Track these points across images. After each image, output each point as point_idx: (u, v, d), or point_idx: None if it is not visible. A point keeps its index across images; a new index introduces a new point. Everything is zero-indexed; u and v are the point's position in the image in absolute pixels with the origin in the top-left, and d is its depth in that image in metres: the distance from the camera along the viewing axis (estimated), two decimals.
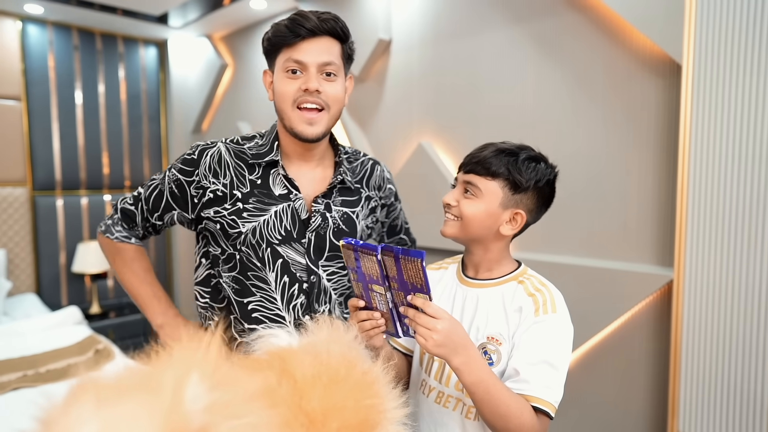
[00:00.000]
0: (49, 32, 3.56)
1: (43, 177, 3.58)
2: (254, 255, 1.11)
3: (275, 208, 1.11)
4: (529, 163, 1.00)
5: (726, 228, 1.66)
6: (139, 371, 0.56)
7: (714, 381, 1.72)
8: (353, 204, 1.20)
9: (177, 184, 1.15)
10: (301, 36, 1.04)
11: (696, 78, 1.69)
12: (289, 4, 3.28)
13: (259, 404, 0.57)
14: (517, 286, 1.00)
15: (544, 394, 0.90)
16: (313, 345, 0.81)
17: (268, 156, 1.12)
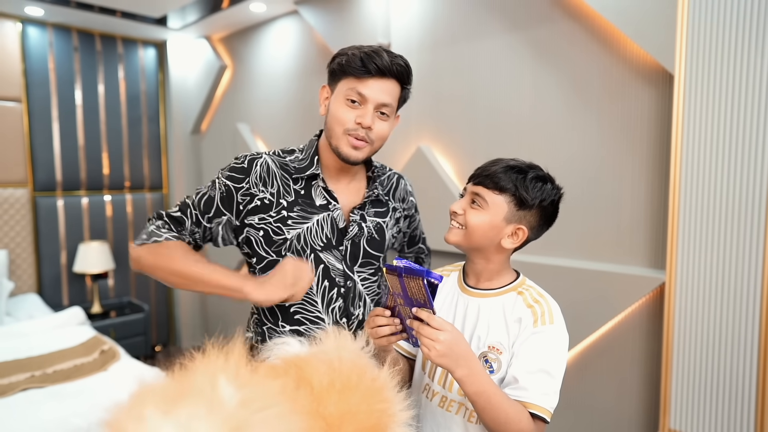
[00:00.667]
0: (49, 34, 3.58)
1: (44, 178, 3.60)
2: None
3: (317, 217, 1.19)
4: (536, 182, 1.04)
5: (716, 232, 1.72)
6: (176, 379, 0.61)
7: (704, 380, 1.78)
8: (383, 215, 1.29)
9: (226, 189, 1.19)
10: (370, 73, 1.11)
11: (688, 88, 1.74)
12: (288, 7, 3.31)
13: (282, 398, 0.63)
14: (517, 297, 1.05)
15: (541, 401, 0.96)
16: (325, 353, 0.86)
17: (309, 170, 1.20)
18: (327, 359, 0.83)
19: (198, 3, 3.39)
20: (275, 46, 3.51)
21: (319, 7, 3.07)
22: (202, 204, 1.20)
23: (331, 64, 1.17)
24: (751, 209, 1.65)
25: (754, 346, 1.68)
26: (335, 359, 0.84)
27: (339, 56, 1.16)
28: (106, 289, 3.92)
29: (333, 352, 0.86)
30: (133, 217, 4.05)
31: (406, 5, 2.71)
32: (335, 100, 1.16)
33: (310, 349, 0.89)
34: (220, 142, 4.07)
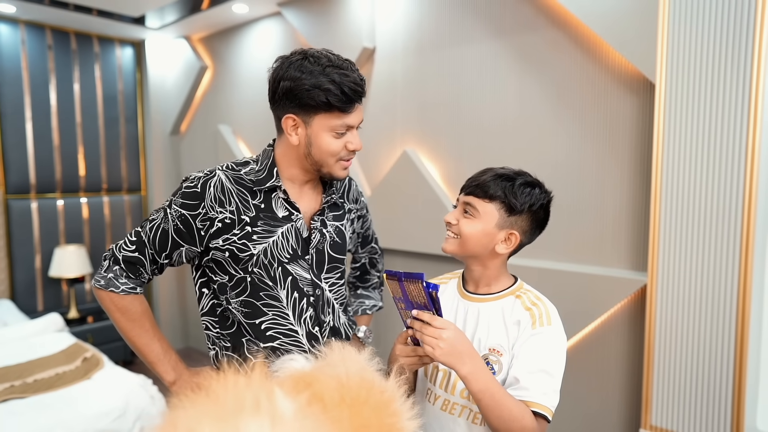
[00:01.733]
0: (22, 31, 3.48)
1: (17, 180, 3.50)
2: (266, 275, 1.16)
3: (281, 230, 1.16)
4: (525, 188, 1.08)
5: (695, 235, 1.78)
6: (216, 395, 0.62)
7: (684, 378, 1.84)
8: (341, 217, 1.28)
9: (182, 220, 1.15)
10: (352, 103, 1.09)
11: (668, 96, 1.80)
12: (270, 9, 3.29)
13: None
14: (515, 300, 1.08)
15: (542, 400, 0.99)
16: (331, 368, 0.86)
17: (268, 182, 1.16)
18: (335, 374, 0.84)
19: (177, 3, 3.34)
20: (257, 47, 3.48)
21: (303, 10, 3.06)
22: (157, 241, 1.17)
23: (298, 95, 1.08)
24: (728, 214, 1.71)
25: (731, 345, 1.75)
26: (343, 374, 0.84)
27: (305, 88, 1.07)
28: (82, 294, 3.84)
29: (340, 366, 0.87)
30: (111, 220, 3.97)
31: (391, 9, 2.72)
32: (318, 134, 1.12)
33: (316, 364, 0.90)
34: (200, 144, 4.02)
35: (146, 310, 1.22)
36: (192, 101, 4.01)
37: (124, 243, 1.19)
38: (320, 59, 1.08)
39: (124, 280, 1.18)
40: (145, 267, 1.19)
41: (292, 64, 1.09)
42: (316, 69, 1.07)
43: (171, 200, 1.16)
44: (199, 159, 4.03)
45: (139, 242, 1.18)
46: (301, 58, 1.09)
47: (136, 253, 1.18)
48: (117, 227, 4.01)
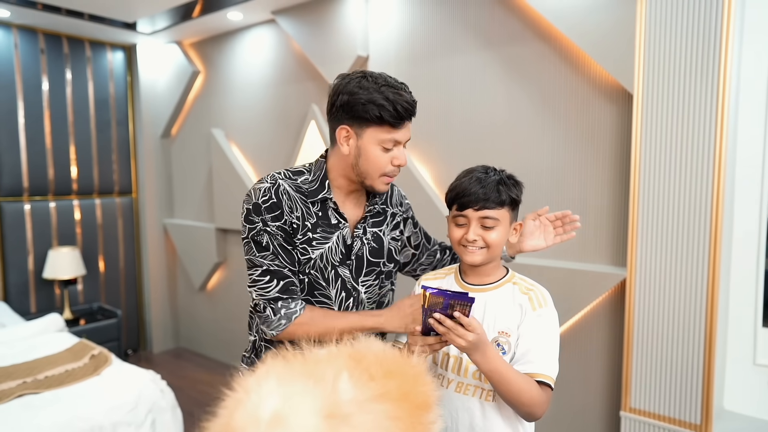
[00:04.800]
0: (15, 35, 3.51)
1: (10, 182, 3.52)
2: (321, 276, 1.26)
3: (334, 236, 1.28)
4: (511, 182, 1.23)
5: (671, 233, 1.96)
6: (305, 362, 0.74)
7: (660, 364, 2.02)
8: (380, 223, 1.38)
9: (281, 230, 1.22)
10: (402, 119, 1.19)
11: (645, 105, 1.98)
12: (265, 16, 3.39)
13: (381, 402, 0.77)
14: (513, 287, 1.24)
15: (546, 370, 1.15)
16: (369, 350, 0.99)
17: (320, 193, 1.26)
18: (374, 353, 0.97)
19: (169, 12, 3.42)
20: (251, 53, 3.57)
21: (298, 18, 3.17)
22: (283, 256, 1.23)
23: (354, 107, 1.18)
24: (699, 213, 1.89)
25: (701, 334, 1.93)
26: (379, 351, 0.98)
27: (361, 102, 1.17)
28: (75, 295, 3.86)
29: (376, 347, 1.00)
30: (103, 222, 4.01)
31: (384, 19, 2.85)
32: (369, 146, 1.20)
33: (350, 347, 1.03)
34: (191, 147, 4.09)
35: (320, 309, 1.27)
36: (183, 105, 4.07)
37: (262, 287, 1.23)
38: (377, 79, 1.19)
39: (293, 304, 1.23)
40: (294, 283, 1.25)
41: (351, 80, 1.19)
42: (373, 86, 1.17)
43: (262, 219, 1.22)
44: (191, 162, 4.09)
45: (274, 272, 1.22)
46: (360, 76, 1.20)
47: (282, 281, 1.23)
48: (109, 229, 4.04)
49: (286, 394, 0.65)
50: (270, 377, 0.68)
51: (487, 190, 1.19)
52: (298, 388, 0.66)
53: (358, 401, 0.69)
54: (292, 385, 0.67)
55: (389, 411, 0.79)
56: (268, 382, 0.67)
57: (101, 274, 4.03)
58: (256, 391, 0.66)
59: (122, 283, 4.17)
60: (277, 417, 0.62)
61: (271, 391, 0.65)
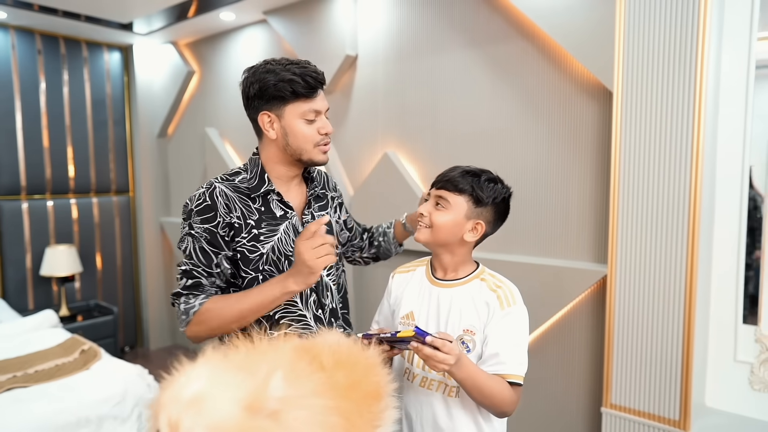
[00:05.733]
0: (12, 36, 3.56)
1: (8, 182, 3.58)
2: (276, 270, 1.29)
3: (282, 227, 1.31)
4: (489, 183, 1.24)
5: (650, 230, 1.97)
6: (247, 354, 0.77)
7: (639, 360, 2.03)
8: (326, 206, 1.43)
9: (208, 232, 1.24)
10: (314, 89, 1.25)
11: (624, 103, 1.99)
12: (256, 17, 3.42)
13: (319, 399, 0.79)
14: (481, 283, 1.24)
15: (516, 370, 1.17)
16: (325, 340, 1.02)
17: (262, 188, 1.30)
18: (329, 343, 1.00)
19: (164, 12, 3.46)
20: (244, 53, 3.61)
21: (288, 18, 3.20)
22: (199, 258, 1.25)
23: (267, 91, 1.23)
24: (677, 210, 1.91)
25: (680, 331, 1.94)
26: (335, 343, 1.01)
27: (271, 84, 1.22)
28: (73, 292, 3.92)
29: (332, 339, 1.03)
30: (100, 220, 4.06)
31: (372, 19, 2.88)
32: (292, 123, 1.25)
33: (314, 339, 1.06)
34: (187, 146, 4.13)
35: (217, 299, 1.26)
36: (179, 105, 4.11)
37: (179, 279, 1.27)
38: (281, 61, 1.26)
39: (193, 299, 1.24)
40: (203, 285, 1.26)
41: (257, 70, 1.26)
42: (278, 68, 1.24)
43: (189, 224, 1.25)
44: (186, 161, 4.14)
45: (188, 272, 1.25)
46: (264, 63, 1.26)
47: (190, 280, 1.25)
48: (106, 227, 4.09)
49: (211, 380, 0.68)
50: (205, 365, 0.71)
51: (453, 175, 1.22)
52: (226, 377, 0.69)
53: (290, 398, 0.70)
54: (222, 374, 0.69)
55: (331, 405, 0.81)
56: (200, 368, 0.69)
57: (98, 271, 4.08)
58: (186, 373, 0.69)
59: (119, 281, 4.22)
60: (196, 399, 0.65)
61: (199, 376, 0.68)
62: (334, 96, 3.12)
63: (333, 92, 3.12)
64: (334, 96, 3.12)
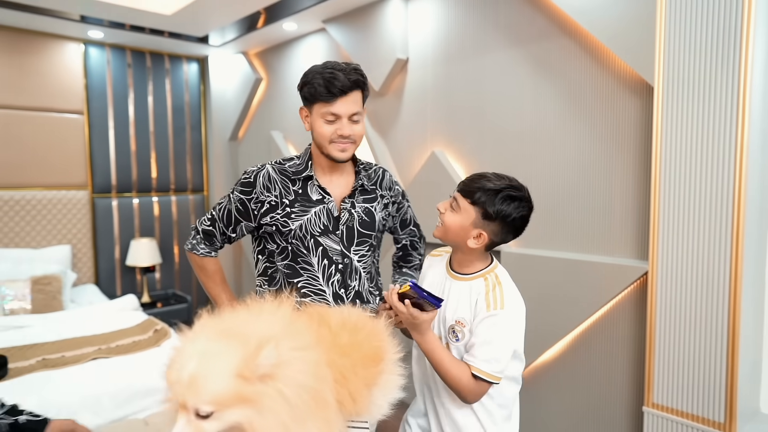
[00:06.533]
0: (107, 53, 4.02)
1: (101, 181, 4.04)
2: (302, 245, 1.47)
3: (314, 210, 1.47)
4: (505, 200, 1.27)
5: (692, 226, 1.94)
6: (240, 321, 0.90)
7: (682, 359, 1.99)
8: (371, 200, 1.56)
9: (240, 202, 1.49)
10: (335, 95, 1.38)
11: (665, 98, 1.97)
12: (316, 26, 3.64)
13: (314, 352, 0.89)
14: (482, 282, 1.32)
15: (483, 366, 1.24)
16: (336, 310, 1.16)
17: (304, 172, 1.49)
18: (339, 311, 1.13)
19: (236, 23, 3.76)
20: (305, 60, 3.84)
21: (345, 26, 3.39)
22: (224, 218, 1.53)
23: (302, 91, 1.45)
24: (720, 205, 1.86)
25: (724, 327, 1.89)
26: (345, 311, 1.14)
27: (306, 85, 1.42)
28: (153, 282, 4.34)
29: (344, 308, 1.16)
30: (177, 217, 4.46)
31: (422, 23, 3.00)
32: (315, 121, 1.43)
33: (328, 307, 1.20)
34: (255, 148, 4.44)
35: (219, 269, 1.61)
36: (248, 110, 4.44)
37: (204, 219, 1.58)
38: (327, 63, 1.42)
39: (203, 246, 1.57)
40: (216, 237, 1.57)
41: (307, 71, 1.44)
42: (318, 70, 1.40)
43: (233, 188, 1.53)
44: (254, 161, 4.43)
45: (212, 219, 1.55)
46: (317, 65, 1.43)
47: (211, 227, 1.56)
48: (183, 223, 4.49)
49: (205, 356, 0.79)
50: (199, 338, 0.83)
51: (474, 184, 1.29)
52: (219, 348, 0.80)
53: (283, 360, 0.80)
54: (215, 345, 0.81)
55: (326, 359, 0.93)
56: (195, 344, 0.82)
57: (176, 263, 4.49)
58: (181, 352, 0.82)
59: (193, 273, 4.61)
60: (193, 379, 0.77)
61: (192, 354, 0.80)
62: (386, 98, 3.26)
63: (385, 94, 3.26)
64: (387, 98, 3.26)
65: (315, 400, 0.84)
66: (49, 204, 3.77)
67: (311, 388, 0.84)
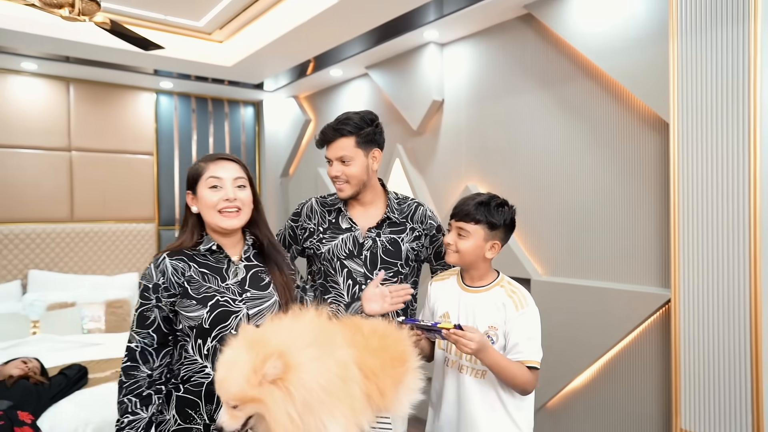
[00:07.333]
0: (175, 100, 4.51)
1: (166, 215, 4.46)
2: (330, 266, 1.70)
3: (341, 236, 1.71)
4: (498, 208, 1.49)
5: (711, 253, 2.02)
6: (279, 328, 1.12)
7: (708, 386, 2.03)
8: (399, 232, 1.76)
9: (291, 229, 1.79)
10: (322, 144, 1.70)
11: (680, 132, 2.10)
12: (360, 71, 3.97)
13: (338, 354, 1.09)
14: (501, 290, 1.51)
15: (532, 357, 1.43)
16: (368, 320, 1.36)
17: (337, 205, 1.75)
18: (369, 321, 1.34)
19: (288, 71, 4.15)
20: (350, 102, 4.17)
21: (385, 71, 3.69)
22: (284, 242, 1.78)
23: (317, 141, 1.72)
24: (738, 232, 1.94)
25: (747, 351, 1.94)
26: (374, 321, 1.35)
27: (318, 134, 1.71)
28: None
29: (374, 320, 1.37)
30: None
31: (456, 67, 3.25)
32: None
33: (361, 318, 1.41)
34: (304, 184, 4.77)
35: None
36: (298, 149, 4.79)
37: None
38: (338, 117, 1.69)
39: None
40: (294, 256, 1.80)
41: None
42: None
43: (289, 218, 1.82)
44: (303, 197, 4.75)
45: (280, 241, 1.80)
46: None
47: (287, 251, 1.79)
48: None
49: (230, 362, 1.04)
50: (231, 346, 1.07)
51: (469, 208, 1.48)
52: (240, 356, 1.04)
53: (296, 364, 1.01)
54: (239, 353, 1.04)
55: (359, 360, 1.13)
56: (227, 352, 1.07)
57: None
58: (220, 359, 1.07)
59: None
60: (221, 380, 1.04)
61: (223, 362, 1.05)
62: (423, 136, 3.51)
63: (423, 133, 3.51)
64: (424, 137, 3.51)
65: (332, 394, 1.04)
66: (122, 235, 4.21)
67: (326, 386, 1.04)
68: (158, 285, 1.29)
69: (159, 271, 1.29)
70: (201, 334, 1.29)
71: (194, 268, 1.32)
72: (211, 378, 1.28)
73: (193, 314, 1.28)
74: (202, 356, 1.29)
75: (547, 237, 2.77)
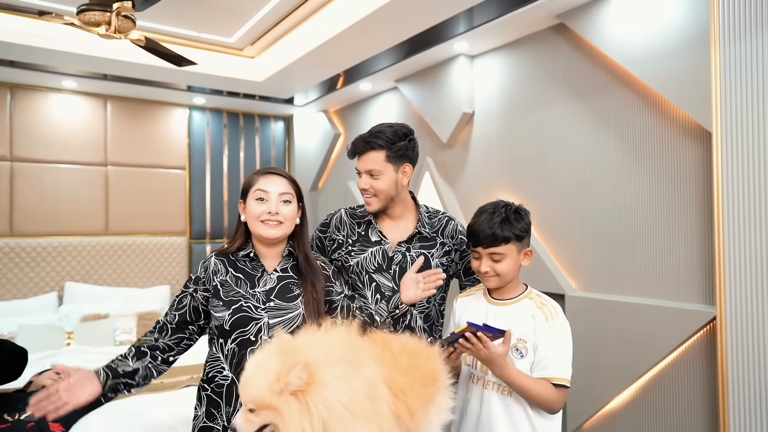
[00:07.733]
0: (207, 116, 4.59)
1: (198, 228, 4.52)
2: (358, 279, 1.67)
3: (371, 249, 1.68)
4: (517, 217, 1.44)
5: (758, 269, 1.92)
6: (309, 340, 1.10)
7: (757, 404, 1.93)
8: (429, 247, 1.72)
9: (318, 239, 1.77)
10: (354, 155, 1.67)
11: (724, 143, 2.01)
12: (389, 85, 3.97)
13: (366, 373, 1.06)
14: (530, 302, 1.46)
15: (559, 374, 1.36)
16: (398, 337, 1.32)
17: (367, 217, 1.72)
18: (399, 337, 1.30)
19: (318, 85, 4.19)
20: (379, 115, 4.17)
21: (415, 84, 3.68)
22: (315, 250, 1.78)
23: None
24: None
25: None
26: (405, 338, 1.30)
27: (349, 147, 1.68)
28: None
29: (402, 336, 1.33)
30: None
31: (486, 79, 3.21)
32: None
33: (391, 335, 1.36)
34: (333, 197, 4.78)
35: None
36: (328, 162, 4.81)
37: None
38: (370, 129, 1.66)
39: None
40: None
41: None
42: None
43: (317, 228, 1.79)
44: (333, 209, 4.77)
45: None
46: None
47: None
48: None
49: (256, 366, 1.02)
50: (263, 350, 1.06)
51: (494, 230, 1.42)
52: (268, 362, 1.02)
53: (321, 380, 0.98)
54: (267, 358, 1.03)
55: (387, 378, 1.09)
56: (257, 355, 1.05)
57: None
58: (250, 360, 1.06)
59: None
60: (244, 381, 1.03)
61: (252, 363, 1.04)
62: (453, 149, 3.47)
63: (453, 146, 3.47)
64: (455, 149, 3.47)
65: (355, 414, 1.00)
66: (154, 249, 4.28)
67: (350, 406, 1.00)
68: (199, 278, 1.43)
69: (203, 267, 1.44)
70: (222, 335, 1.39)
71: (231, 272, 1.43)
72: (230, 380, 1.38)
73: (218, 314, 1.39)
74: (224, 356, 1.39)
75: (581, 251, 2.68)
